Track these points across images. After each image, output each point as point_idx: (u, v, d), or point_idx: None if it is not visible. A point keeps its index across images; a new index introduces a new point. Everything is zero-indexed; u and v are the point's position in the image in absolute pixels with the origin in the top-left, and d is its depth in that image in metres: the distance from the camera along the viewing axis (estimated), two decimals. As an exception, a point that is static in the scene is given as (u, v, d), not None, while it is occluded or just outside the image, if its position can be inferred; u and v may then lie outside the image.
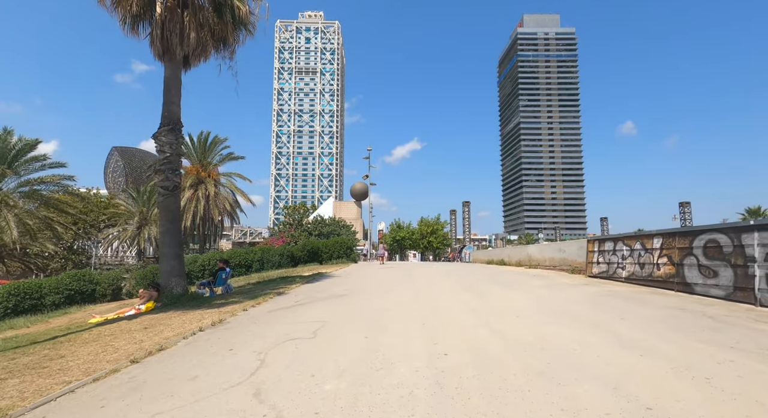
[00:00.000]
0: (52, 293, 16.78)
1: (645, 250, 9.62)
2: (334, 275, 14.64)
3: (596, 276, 11.66)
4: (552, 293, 8.71)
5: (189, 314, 7.29)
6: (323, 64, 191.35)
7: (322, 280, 12.79)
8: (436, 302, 7.70)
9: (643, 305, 6.87)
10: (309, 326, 5.80)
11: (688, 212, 63.79)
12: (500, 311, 6.63)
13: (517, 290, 9.45)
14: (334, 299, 8.56)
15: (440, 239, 55.12)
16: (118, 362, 4.39)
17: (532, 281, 11.13)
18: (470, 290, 9.51)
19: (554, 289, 9.45)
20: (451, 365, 3.88)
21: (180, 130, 9.34)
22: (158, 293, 8.70)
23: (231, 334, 5.56)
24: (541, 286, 10.06)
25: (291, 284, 11.43)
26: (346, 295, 9.03)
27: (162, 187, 9.02)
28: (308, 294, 9.42)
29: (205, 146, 27.97)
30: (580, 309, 6.65)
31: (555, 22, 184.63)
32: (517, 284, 10.57)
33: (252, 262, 23.24)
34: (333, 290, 10.08)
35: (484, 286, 10.35)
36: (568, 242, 14.52)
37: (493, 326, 5.48)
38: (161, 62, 9.27)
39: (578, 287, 9.71)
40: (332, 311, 7.08)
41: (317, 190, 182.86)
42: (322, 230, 36.07)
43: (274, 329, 5.71)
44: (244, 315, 6.98)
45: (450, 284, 10.75)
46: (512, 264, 20.37)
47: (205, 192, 26.31)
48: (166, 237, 9.07)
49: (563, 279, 11.67)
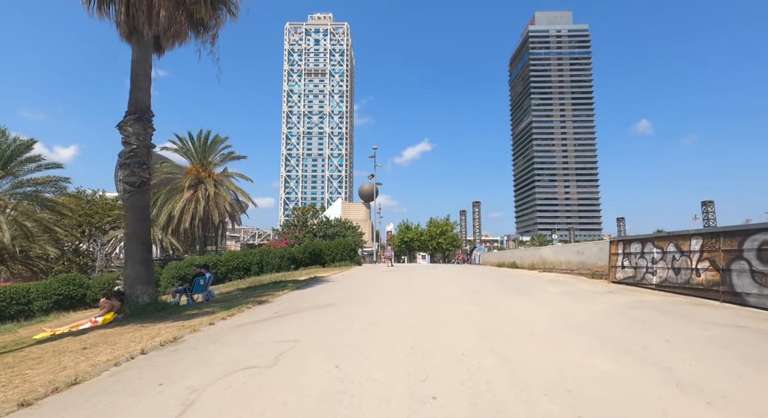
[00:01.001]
0: (40, 298, 16.10)
1: (680, 252, 8.32)
2: (330, 279, 13.57)
3: (621, 282, 10.35)
4: (573, 304, 7.47)
5: (146, 330, 6.28)
6: (332, 66, 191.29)
7: (315, 285, 11.73)
8: (435, 315, 6.54)
9: (688, 320, 5.61)
10: (275, 348, 4.72)
11: (711, 211, 60.69)
12: (511, 328, 5.44)
13: (531, 299, 8.23)
14: (319, 309, 7.47)
15: (450, 241, 53.81)
16: (3, 405, 3.35)
17: (548, 288, 9.89)
18: (476, 299, 8.33)
19: (575, 298, 8.21)
20: (441, 416, 2.76)
21: (149, 119, 8.39)
22: (121, 302, 7.74)
23: (174, 359, 4.50)
24: (558, 293, 8.83)
25: (280, 290, 10.39)
26: (335, 304, 7.93)
27: (127, 183, 8.07)
28: (293, 303, 8.35)
29: (206, 145, 27.23)
30: (611, 326, 5.43)
31: (567, 18, 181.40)
32: (531, 292, 9.34)
33: (251, 264, 22.33)
34: (323, 297, 9.00)
35: (492, 294, 9.15)
36: (587, 243, 13.20)
37: (502, 350, 4.32)
38: (128, 44, 8.32)
39: (602, 295, 8.44)
40: (311, 325, 5.99)
41: (327, 191, 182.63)
42: (326, 231, 35.08)
43: (231, 353, 4.64)
44: (207, 331, 5.93)
45: (454, 292, 9.57)
46: (525, 267, 19.05)
47: (205, 192, 25.53)
48: (131, 239, 8.09)
49: (583, 285, 10.40)
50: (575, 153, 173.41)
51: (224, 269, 21.25)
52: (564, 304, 7.47)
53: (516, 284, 11.07)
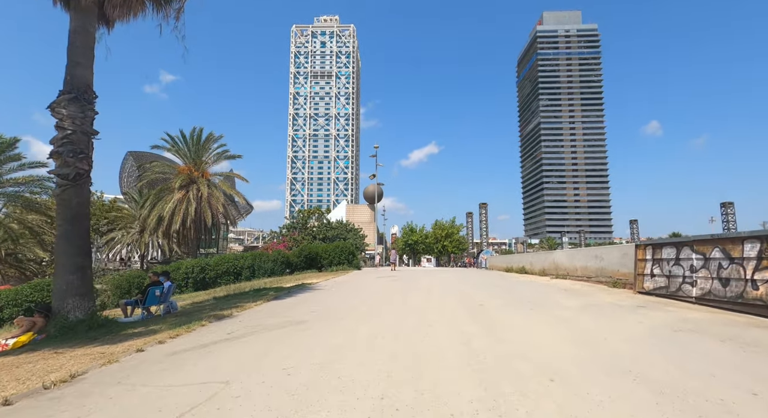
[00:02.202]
0: (10, 306, 14.91)
1: (729, 259, 6.80)
2: (317, 287, 12.20)
3: (650, 293, 8.83)
4: (599, 323, 6.00)
5: (54, 359, 4.95)
6: (338, 68, 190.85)
7: (297, 294, 10.36)
8: (424, 342, 5.12)
9: (766, 354, 4.12)
10: (188, 398, 3.35)
11: (731, 213, 57.58)
12: (522, 365, 3.99)
13: (546, 316, 6.76)
14: (283, 329, 6.09)
15: (456, 243, 52.21)
16: None
17: (565, 300, 8.41)
18: (478, 315, 6.87)
19: (599, 314, 6.73)
20: None
21: (89, 100, 7.11)
22: (46, 319, 6.45)
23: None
24: (578, 308, 7.35)
25: (253, 302, 9.04)
26: (306, 322, 6.54)
27: (59, 176, 6.79)
28: (258, 319, 6.99)
29: (199, 144, 26.06)
30: (659, 363, 3.96)
31: (576, 18, 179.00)
32: (545, 305, 7.86)
33: (241, 269, 21.05)
34: (296, 311, 7.62)
35: (498, 309, 7.68)
36: (606, 248, 11.67)
37: (510, 408, 2.89)
38: (65, 11, 7.08)
39: (632, 311, 6.95)
40: (259, 357, 4.61)
41: (333, 194, 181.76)
42: (326, 233, 33.74)
43: (124, 405, 3.28)
44: (126, 362, 4.59)
45: (453, 305, 8.12)
46: (535, 272, 17.51)
47: (197, 193, 24.34)
48: (62, 243, 6.79)
49: (605, 297, 8.89)
50: (585, 155, 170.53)
51: (213, 274, 19.98)
52: (588, 324, 6.00)
53: (526, 295, 9.59)
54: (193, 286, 19.43)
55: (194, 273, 19.41)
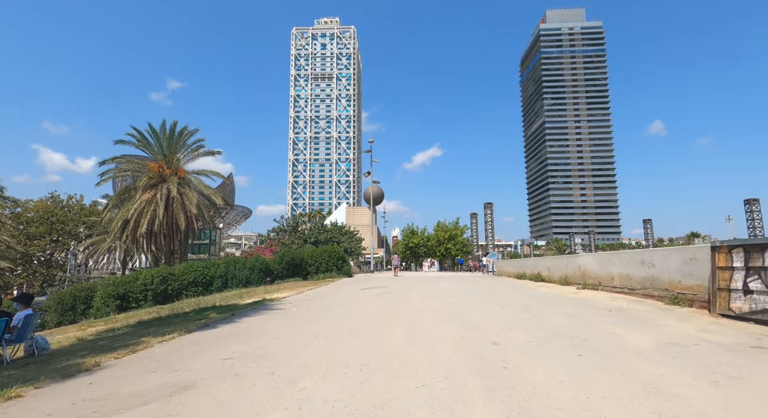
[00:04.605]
0: None
1: None
2: (276, 306, 9.40)
3: (745, 317, 5.95)
4: (708, 391, 3.14)
5: None
6: (339, 70, 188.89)
7: (235, 321, 7.56)
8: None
9: None
10: None
11: (756, 210, 53.24)
12: None
13: (610, 371, 3.89)
14: (144, 407, 3.28)
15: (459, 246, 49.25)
16: None
17: (624, 333, 5.53)
18: (495, 375, 3.98)
19: (697, 366, 3.85)
20: None
21: None
22: None
23: None
24: (654, 351, 4.49)
25: (169, 333, 6.29)
26: (195, 387, 3.73)
27: None
28: (120, 383, 4.21)
29: (171, 139, 23.43)
30: None
31: (580, 16, 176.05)
32: (597, 345, 4.98)
33: (212, 278, 18.30)
34: (199, 361, 4.83)
35: (525, 355, 4.79)
36: (659, 250, 8.79)
37: None
38: None
39: (744, 355, 4.09)
40: None
41: (334, 197, 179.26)
42: (318, 237, 30.91)
43: None
44: None
45: (452, 344, 5.24)
46: (554, 281, 14.62)
47: (167, 193, 21.68)
48: None
49: (678, 324, 6.02)
50: (591, 154, 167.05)
51: (177, 285, 17.26)
52: (690, 392, 3.14)
53: (559, 321, 6.72)
54: (153, 299, 16.69)
55: (154, 284, 16.69)
